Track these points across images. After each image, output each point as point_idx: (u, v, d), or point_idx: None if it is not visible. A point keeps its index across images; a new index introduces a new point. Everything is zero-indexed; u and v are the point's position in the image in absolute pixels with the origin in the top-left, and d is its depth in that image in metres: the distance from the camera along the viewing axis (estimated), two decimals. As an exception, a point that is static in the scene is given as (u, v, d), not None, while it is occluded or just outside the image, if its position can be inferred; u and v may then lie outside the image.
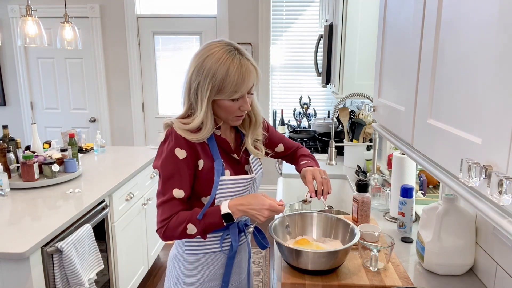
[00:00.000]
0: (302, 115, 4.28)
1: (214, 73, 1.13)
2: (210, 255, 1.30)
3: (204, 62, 1.15)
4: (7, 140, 2.37)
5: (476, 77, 0.65)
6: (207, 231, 1.18)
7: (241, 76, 1.13)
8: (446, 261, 1.28)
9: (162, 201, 1.19)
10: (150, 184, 2.94)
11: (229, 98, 1.16)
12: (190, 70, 1.20)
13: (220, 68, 1.12)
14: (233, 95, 1.15)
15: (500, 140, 0.57)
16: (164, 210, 1.18)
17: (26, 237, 1.66)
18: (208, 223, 1.17)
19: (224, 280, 1.32)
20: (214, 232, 1.27)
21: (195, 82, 1.17)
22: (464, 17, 0.69)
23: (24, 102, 4.55)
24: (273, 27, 4.28)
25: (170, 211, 1.17)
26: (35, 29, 2.61)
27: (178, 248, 1.34)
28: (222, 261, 1.32)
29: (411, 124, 0.94)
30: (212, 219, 1.17)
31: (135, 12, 4.28)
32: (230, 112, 1.20)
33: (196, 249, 1.30)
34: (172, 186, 1.18)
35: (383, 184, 2.00)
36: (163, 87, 4.49)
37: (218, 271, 1.32)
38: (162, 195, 1.19)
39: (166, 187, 1.19)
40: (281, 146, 1.48)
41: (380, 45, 1.26)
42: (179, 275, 1.32)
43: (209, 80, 1.13)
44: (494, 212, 0.59)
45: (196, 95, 1.18)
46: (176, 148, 1.18)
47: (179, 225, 1.16)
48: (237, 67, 1.13)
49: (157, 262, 3.21)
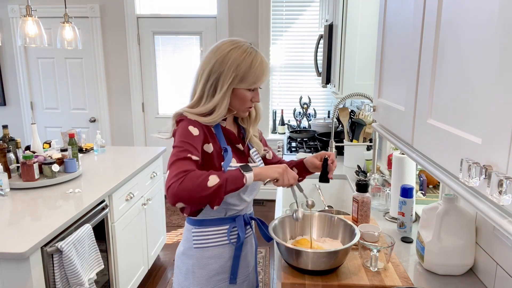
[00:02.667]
0: (302, 115, 4.28)
1: (239, 64, 1.23)
2: (218, 248, 1.34)
3: (228, 54, 1.24)
4: (7, 140, 2.37)
5: (476, 77, 0.65)
6: (227, 187, 1.14)
7: (261, 69, 1.26)
8: (446, 261, 1.28)
9: (178, 158, 1.16)
10: (150, 184, 2.94)
11: (248, 87, 1.27)
12: (210, 62, 1.26)
13: (245, 59, 1.24)
14: (252, 85, 1.27)
15: (500, 140, 0.57)
16: (182, 165, 1.14)
17: (26, 237, 1.66)
18: (229, 175, 1.15)
19: (232, 272, 1.36)
20: (219, 225, 1.32)
21: (217, 72, 1.25)
22: (464, 17, 0.69)
23: (24, 102, 4.55)
24: (273, 27, 4.28)
25: (187, 166, 1.15)
26: (35, 29, 2.61)
27: (186, 243, 1.37)
28: (229, 254, 1.36)
29: (411, 124, 0.94)
30: (234, 172, 1.17)
31: (135, 12, 4.28)
32: (244, 102, 1.29)
33: (205, 242, 1.33)
34: (188, 151, 1.18)
35: (383, 184, 2.00)
36: (163, 87, 4.50)
37: (226, 264, 1.35)
38: (177, 157, 1.17)
39: (181, 151, 1.18)
40: (270, 153, 1.55)
41: (380, 45, 1.26)
42: (188, 270, 1.35)
43: (234, 69, 1.23)
44: (494, 212, 0.59)
45: (216, 84, 1.25)
46: (189, 126, 1.23)
47: (199, 176, 1.12)
48: (260, 61, 1.26)
49: (157, 262, 3.21)
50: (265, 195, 4.48)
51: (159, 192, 3.15)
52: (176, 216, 4.12)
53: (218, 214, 1.33)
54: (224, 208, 1.33)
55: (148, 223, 2.88)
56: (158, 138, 1.37)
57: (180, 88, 4.47)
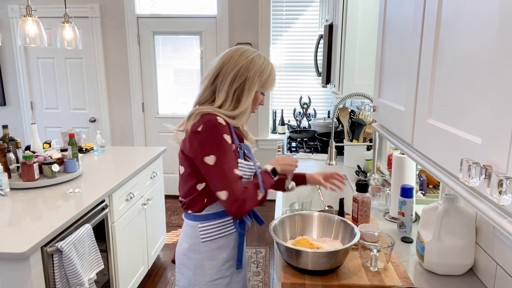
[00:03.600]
0: (302, 115, 4.28)
1: (262, 71, 1.37)
2: (225, 239, 1.40)
3: (253, 61, 1.36)
4: (7, 140, 2.37)
5: (476, 77, 0.65)
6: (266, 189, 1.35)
7: (274, 77, 1.44)
8: (446, 261, 1.28)
9: (229, 179, 1.27)
10: (150, 184, 2.94)
11: (264, 91, 1.42)
12: (236, 65, 1.34)
13: (266, 68, 1.39)
14: (267, 90, 1.43)
15: (500, 140, 0.57)
16: (236, 187, 1.27)
17: (26, 237, 1.66)
18: (265, 182, 1.34)
19: (238, 258, 1.44)
20: (223, 217, 1.39)
21: (243, 76, 1.35)
22: (464, 17, 0.69)
23: (24, 102, 4.55)
24: (273, 27, 4.28)
25: (240, 186, 1.28)
26: (35, 29, 2.61)
27: (191, 240, 1.40)
28: (234, 242, 1.43)
29: (411, 124, 0.94)
30: (266, 179, 1.36)
31: (135, 12, 4.28)
32: (256, 103, 1.43)
33: (212, 235, 1.39)
34: (233, 166, 1.31)
35: (383, 184, 1.99)
36: (163, 87, 4.49)
37: (232, 252, 1.43)
38: (227, 177, 1.27)
39: (228, 169, 1.28)
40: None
41: (380, 45, 1.26)
42: (197, 265, 1.39)
43: (258, 75, 1.36)
44: (494, 212, 0.59)
45: (243, 88, 1.36)
46: (224, 134, 1.29)
47: (252, 196, 1.28)
48: (273, 70, 1.43)
49: (157, 262, 3.21)
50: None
51: (159, 192, 3.15)
52: (176, 216, 4.12)
53: (221, 207, 1.38)
54: None
55: (148, 223, 2.87)
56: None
57: (180, 88, 4.47)
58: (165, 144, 4.45)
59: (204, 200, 1.35)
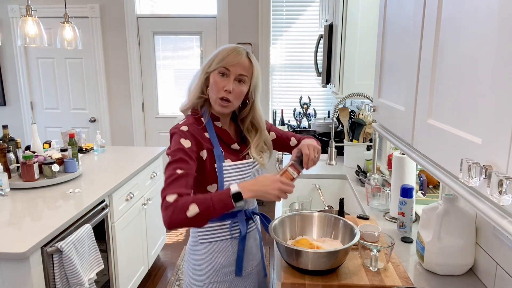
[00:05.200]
0: (302, 115, 4.28)
1: (215, 53, 1.32)
2: (222, 243, 1.38)
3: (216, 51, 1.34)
4: (7, 140, 2.37)
5: (476, 77, 0.65)
6: (214, 211, 1.14)
7: (229, 53, 1.29)
8: (446, 261, 1.28)
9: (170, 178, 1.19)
10: (150, 184, 2.94)
11: (215, 68, 1.29)
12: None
13: (221, 50, 1.32)
14: (217, 65, 1.29)
15: (500, 140, 0.57)
16: (172, 188, 1.16)
17: (26, 237, 1.66)
18: (216, 199, 1.14)
19: (238, 264, 1.39)
20: (222, 220, 1.36)
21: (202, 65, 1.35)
22: (464, 17, 0.69)
23: (24, 102, 4.55)
24: (273, 27, 4.28)
25: (175, 190, 1.16)
26: (35, 29, 2.61)
27: (192, 239, 1.43)
28: (233, 248, 1.39)
29: (411, 124, 0.94)
30: (220, 195, 1.15)
31: (135, 12, 4.28)
32: (216, 89, 1.30)
33: (209, 237, 1.37)
34: (179, 167, 1.21)
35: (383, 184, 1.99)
36: (163, 87, 4.49)
37: (231, 257, 1.39)
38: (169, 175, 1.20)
39: (173, 169, 1.20)
40: (273, 134, 1.56)
41: (380, 45, 1.26)
42: (195, 264, 1.40)
43: (212, 57, 1.32)
44: (494, 212, 0.59)
45: (199, 74, 1.35)
46: (181, 138, 1.27)
47: (182, 208, 1.13)
48: (232, 48, 1.31)
49: (157, 262, 3.21)
50: (265, 195, 4.47)
51: (159, 192, 3.14)
52: (176, 216, 4.12)
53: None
54: None
55: (148, 223, 2.88)
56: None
57: (180, 88, 4.47)
58: (165, 144, 4.45)
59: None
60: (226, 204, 1.15)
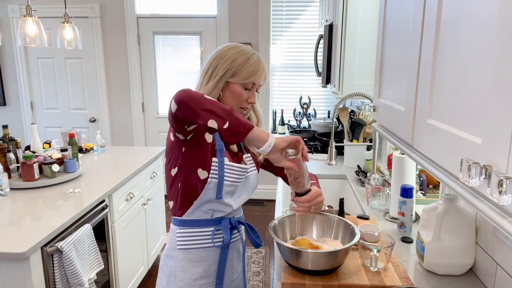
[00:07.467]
0: (302, 115, 4.29)
1: (234, 59, 1.24)
2: (202, 251, 1.30)
3: (226, 51, 1.27)
4: (7, 140, 2.37)
5: (476, 77, 0.65)
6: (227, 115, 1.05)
7: (257, 68, 1.25)
8: (446, 261, 1.28)
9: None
10: (150, 184, 2.94)
11: (241, 82, 1.25)
12: (210, 60, 1.29)
13: (241, 57, 1.25)
14: (244, 80, 1.25)
15: (500, 140, 0.57)
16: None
17: (26, 237, 1.66)
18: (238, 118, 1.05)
19: (218, 277, 1.31)
20: (204, 226, 1.29)
21: (212, 65, 1.27)
22: (464, 17, 0.69)
23: (24, 102, 4.55)
24: (273, 27, 4.28)
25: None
26: (35, 29, 2.61)
27: (170, 245, 1.33)
28: (214, 257, 1.32)
29: (411, 124, 0.94)
30: (241, 121, 1.06)
31: (135, 12, 4.28)
32: (239, 100, 1.27)
33: (188, 243, 1.29)
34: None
35: (383, 184, 1.99)
36: (163, 87, 4.50)
37: (211, 268, 1.31)
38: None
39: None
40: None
41: (380, 45, 1.26)
42: (171, 272, 1.31)
43: (228, 63, 1.24)
44: (494, 212, 0.59)
45: (210, 76, 1.27)
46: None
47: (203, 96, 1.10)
48: (256, 60, 1.26)
49: (157, 262, 3.20)
50: (265, 195, 4.48)
51: (159, 192, 3.15)
52: (176, 216, 4.12)
53: (204, 215, 1.29)
54: (211, 210, 1.29)
55: (148, 223, 2.88)
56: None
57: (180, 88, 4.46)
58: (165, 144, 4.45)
59: (178, 185, 1.27)
60: (245, 124, 1.05)
